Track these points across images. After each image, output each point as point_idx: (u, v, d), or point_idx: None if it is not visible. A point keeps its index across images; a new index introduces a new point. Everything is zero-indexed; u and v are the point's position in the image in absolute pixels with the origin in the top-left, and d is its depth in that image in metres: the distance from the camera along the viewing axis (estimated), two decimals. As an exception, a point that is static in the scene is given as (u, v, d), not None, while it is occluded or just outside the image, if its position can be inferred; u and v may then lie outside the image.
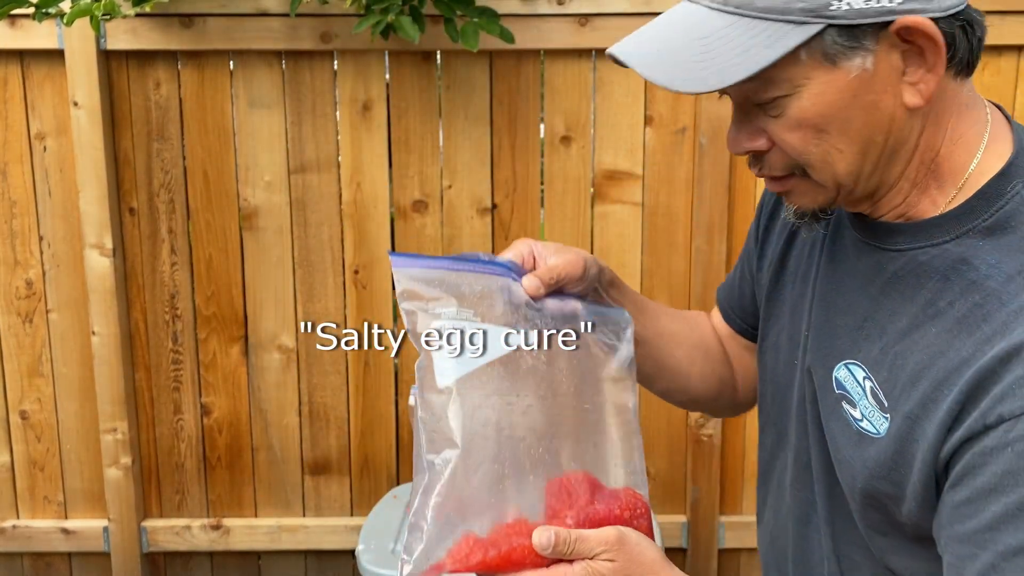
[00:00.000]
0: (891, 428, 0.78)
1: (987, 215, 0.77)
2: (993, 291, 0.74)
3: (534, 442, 0.82)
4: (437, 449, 0.83)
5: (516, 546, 0.78)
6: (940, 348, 0.76)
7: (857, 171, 0.78)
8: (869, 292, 0.84)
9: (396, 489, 2.11)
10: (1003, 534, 0.69)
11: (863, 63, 0.73)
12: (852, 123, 0.76)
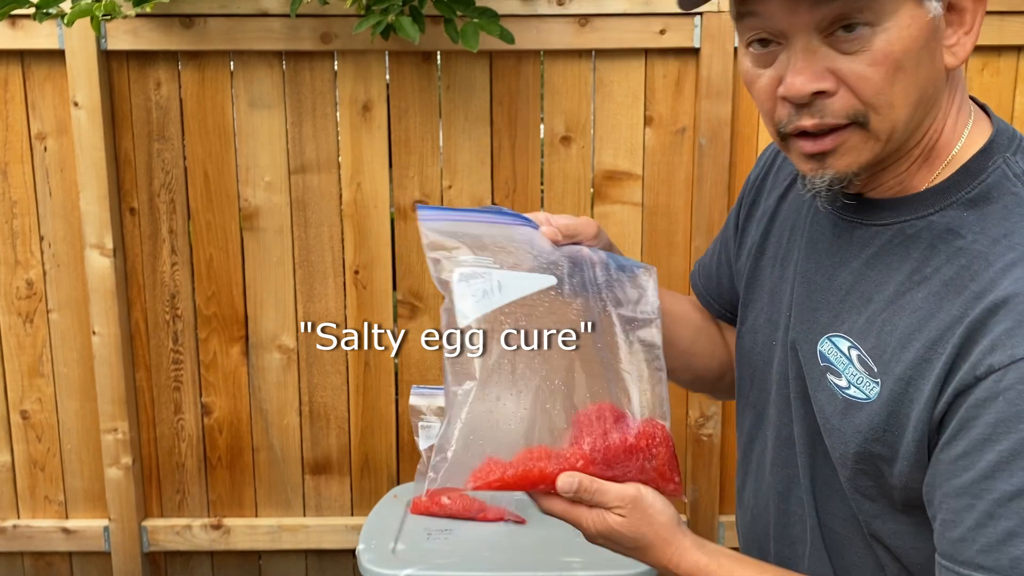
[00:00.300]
0: (882, 392, 0.81)
1: (970, 188, 0.80)
2: (980, 253, 0.77)
3: (555, 375, 0.88)
4: (459, 381, 0.90)
5: (534, 468, 0.86)
6: (930, 310, 0.78)
7: (909, 122, 0.79)
8: (851, 267, 0.87)
9: (397, 488, 2.11)
10: (998, 481, 0.71)
11: (937, 7, 0.75)
12: (921, 68, 0.76)
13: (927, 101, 0.79)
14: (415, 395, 1.89)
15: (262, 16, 2.22)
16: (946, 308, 0.77)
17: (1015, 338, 0.71)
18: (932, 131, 0.82)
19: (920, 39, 0.75)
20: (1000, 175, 0.80)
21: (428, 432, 1.85)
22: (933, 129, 0.82)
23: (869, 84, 0.76)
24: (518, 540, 1.86)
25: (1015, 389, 0.71)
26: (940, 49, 0.77)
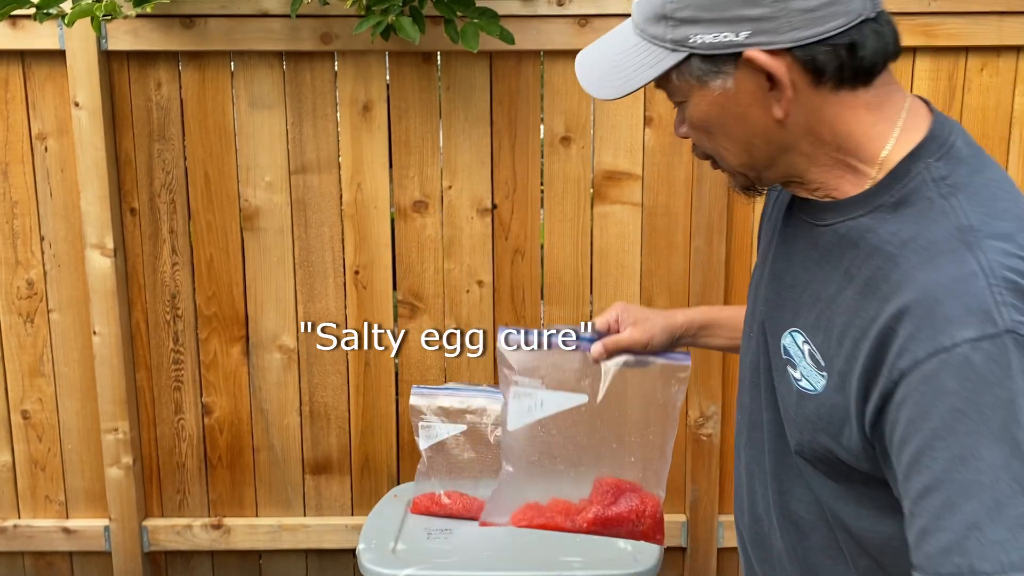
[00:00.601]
0: (828, 385, 0.88)
1: (894, 192, 0.87)
2: (890, 255, 0.84)
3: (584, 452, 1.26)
4: (507, 458, 1.29)
5: (553, 520, 1.30)
6: (855, 309, 0.85)
7: (749, 163, 0.94)
8: (807, 265, 0.95)
9: (397, 488, 2.12)
10: (911, 481, 0.77)
11: (724, 83, 0.88)
12: (729, 128, 0.91)
13: (760, 147, 0.91)
14: (415, 395, 1.90)
15: (262, 16, 2.22)
16: (865, 308, 0.84)
17: (916, 341, 0.77)
18: (820, 154, 0.91)
19: (713, 110, 0.90)
20: (920, 180, 0.86)
21: (428, 432, 1.86)
22: (819, 153, 0.91)
23: (694, 140, 0.97)
24: (518, 540, 1.86)
25: (919, 391, 0.76)
26: (759, 107, 0.88)
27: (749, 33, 0.85)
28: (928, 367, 0.76)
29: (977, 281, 0.77)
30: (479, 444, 1.90)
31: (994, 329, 0.75)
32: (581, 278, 2.39)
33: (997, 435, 0.73)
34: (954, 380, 0.75)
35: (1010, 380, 0.73)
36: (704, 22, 0.85)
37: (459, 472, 1.92)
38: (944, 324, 0.76)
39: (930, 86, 2.29)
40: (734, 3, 0.84)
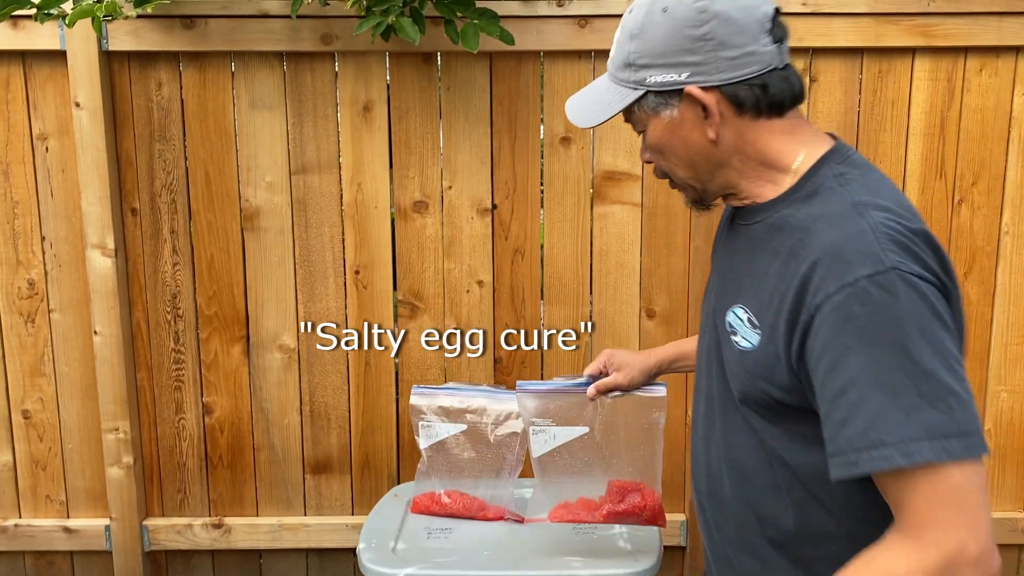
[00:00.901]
0: (761, 339, 1.13)
1: (806, 188, 1.15)
2: (806, 228, 1.10)
3: (599, 461, 1.73)
4: (538, 475, 1.75)
5: (580, 515, 1.72)
6: (782, 274, 1.11)
7: (694, 177, 1.23)
8: (744, 256, 1.22)
9: (397, 488, 2.12)
10: (827, 387, 1.02)
11: (672, 113, 1.18)
12: (677, 149, 1.21)
13: (701, 164, 1.20)
14: (416, 395, 1.91)
15: (263, 17, 2.23)
16: (789, 270, 1.09)
17: (827, 281, 1.03)
18: (746, 169, 1.20)
19: (665, 135, 1.20)
20: (825, 178, 1.14)
21: (428, 431, 1.87)
22: (746, 168, 1.20)
23: (656, 161, 1.26)
24: (518, 539, 1.86)
25: (831, 317, 1.02)
26: (699, 131, 1.18)
27: (688, 74, 1.15)
28: (837, 299, 1.01)
29: (867, 235, 1.03)
30: (479, 444, 1.90)
31: (883, 267, 1.00)
32: (581, 278, 2.39)
33: (891, 345, 0.98)
34: (857, 306, 1.00)
35: (898, 303, 0.99)
36: (656, 66, 1.16)
37: (459, 472, 1.92)
38: (846, 266, 1.02)
39: (929, 87, 2.30)
40: (678, 52, 1.15)
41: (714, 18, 1.12)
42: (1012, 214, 2.36)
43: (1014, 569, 2.58)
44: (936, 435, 0.96)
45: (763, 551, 1.21)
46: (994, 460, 2.49)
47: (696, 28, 1.13)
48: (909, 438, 0.96)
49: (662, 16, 1.15)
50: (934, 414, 0.97)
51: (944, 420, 0.97)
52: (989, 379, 2.44)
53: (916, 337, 0.98)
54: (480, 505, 1.89)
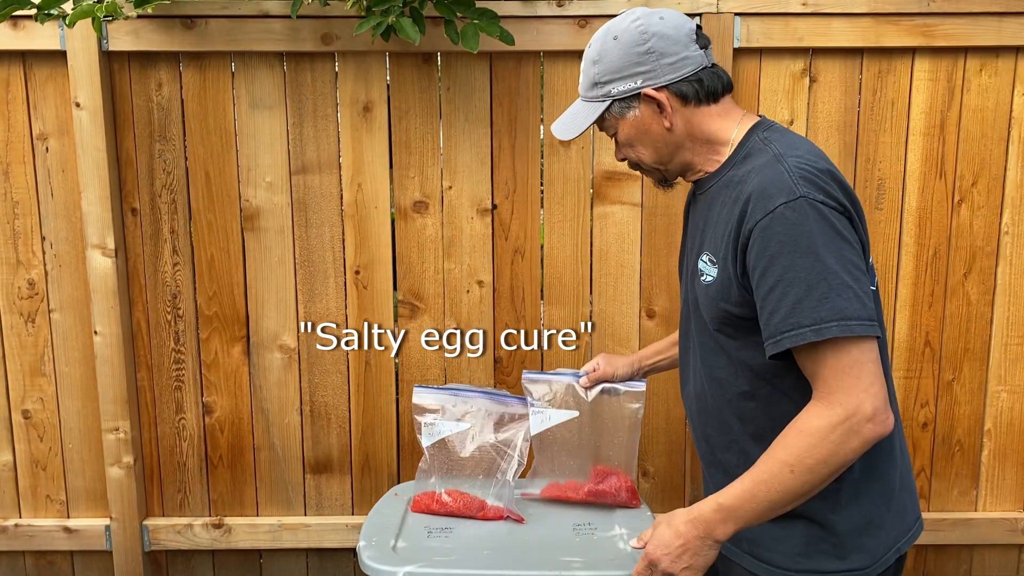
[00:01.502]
0: (718, 270, 1.44)
1: (740, 153, 1.48)
2: (743, 180, 1.42)
3: (586, 447, 1.98)
4: (536, 454, 2.01)
5: (567, 493, 1.98)
6: (728, 218, 1.42)
7: (658, 161, 1.55)
8: (703, 215, 1.53)
9: (397, 487, 2.12)
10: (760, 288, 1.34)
11: (635, 113, 1.51)
12: (642, 140, 1.53)
13: (661, 149, 1.53)
14: (418, 394, 1.92)
15: (263, 17, 2.23)
16: (733, 212, 1.40)
17: (756, 210, 1.34)
18: (696, 148, 1.52)
19: (634, 131, 1.53)
20: (754, 143, 1.47)
21: (431, 430, 1.89)
22: (696, 147, 1.52)
23: (628, 154, 1.57)
24: (518, 539, 1.86)
25: (760, 236, 1.33)
26: (657, 123, 1.50)
27: (642, 80, 1.48)
28: (763, 222, 1.33)
29: (784, 175, 1.35)
30: (481, 444, 1.92)
31: (794, 196, 1.32)
32: (581, 278, 2.39)
33: (804, 253, 1.30)
34: (777, 226, 1.32)
35: (807, 222, 1.31)
36: (616, 80, 1.50)
37: (460, 471, 1.93)
38: (769, 199, 1.33)
39: (929, 87, 2.30)
40: (630, 66, 1.48)
41: (653, 36, 1.47)
42: (1012, 214, 2.36)
43: (1014, 569, 2.58)
44: (840, 317, 1.28)
45: (746, 446, 1.49)
46: (994, 460, 2.49)
47: (641, 46, 1.47)
48: (820, 320, 1.29)
49: (614, 43, 1.49)
50: (840, 301, 1.29)
51: (846, 306, 1.29)
52: (989, 379, 2.44)
53: (822, 247, 1.30)
54: (480, 504, 1.90)
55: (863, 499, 1.44)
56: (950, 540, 2.52)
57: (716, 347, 1.51)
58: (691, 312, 1.59)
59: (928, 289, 2.39)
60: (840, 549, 1.43)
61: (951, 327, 2.42)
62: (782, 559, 1.45)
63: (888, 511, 1.45)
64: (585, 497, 1.96)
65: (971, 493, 2.51)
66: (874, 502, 1.44)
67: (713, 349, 1.52)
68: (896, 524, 1.46)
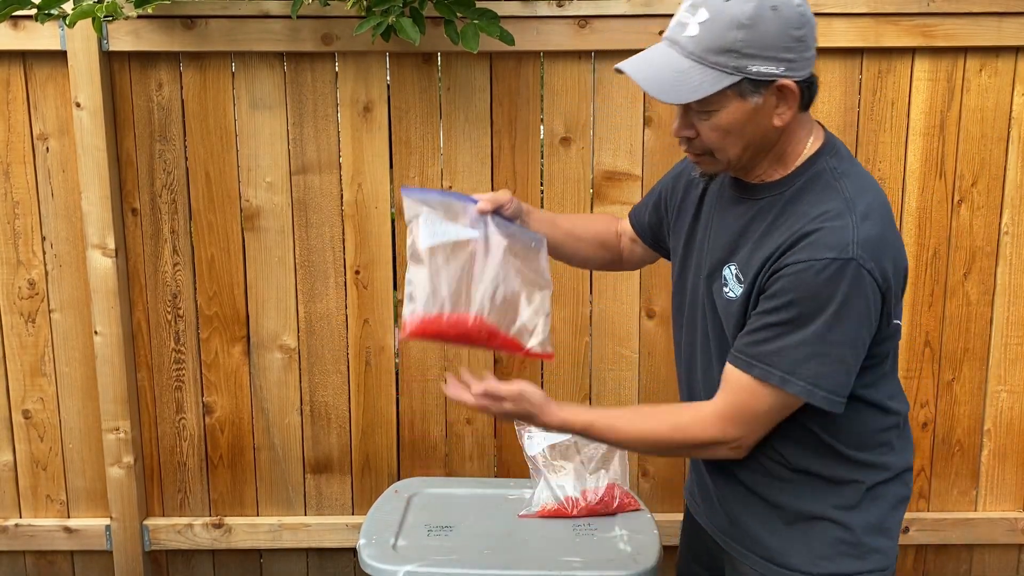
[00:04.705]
0: (743, 291, 1.38)
1: (804, 175, 1.38)
2: (801, 213, 1.34)
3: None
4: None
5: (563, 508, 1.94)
6: (769, 243, 1.35)
7: (740, 157, 1.38)
8: (740, 223, 1.43)
9: (398, 484, 2.12)
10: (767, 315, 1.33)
11: (758, 100, 1.32)
12: (744, 131, 1.35)
13: (755, 144, 1.36)
14: (409, 192, 1.67)
15: (263, 17, 2.23)
16: (777, 239, 1.34)
17: (801, 252, 1.29)
18: (775, 152, 1.39)
19: (743, 119, 1.33)
20: (821, 168, 1.38)
21: (433, 229, 1.60)
22: (775, 151, 1.39)
23: (710, 139, 1.37)
24: (518, 538, 1.87)
25: (790, 275, 1.29)
26: (768, 117, 1.33)
27: (784, 69, 1.30)
28: (801, 266, 1.29)
29: (847, 232, 1.29)
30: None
31: (846, 255, 1.27)
32: (581, 278, 2.39)
33: (823, 311, 1.27)
34: (814, 277, 1.28)
35: (843, 285, 1.27)
36: (760, 58, 1.29)
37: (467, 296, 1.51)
38: (820, 247, 1.28)
39: (929, 87, 2.30)
40: (780, 49, 1.29)
41: (807, 23, 1.32)
42: (1012, 214, 2.36)
43: (1014, 569, 2.58)
44: (814, 382, 1.30)
45: None
46: (994, 460, 2.49)
47: (798, 29, 1.30)
48: (794, 373, 1.30)
49: (772, 13, 1.28)
50: (824, 369, 1.29)
51: (827, 376, 1.30)
52: (989, 379, 2.44)
53: (842, 316, 1.28)
54: (490, 331, 1.50)
55: (881, 501, 1.44)
56: (950, 540, 2.52)
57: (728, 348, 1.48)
58: (703, 312, 1.50)
59: (928, 289, 2.39)
60: (858, 549, 1.42)
61: (951, 327, 2.42)
62: (800, 562, 1.43)
63: (896, 518, 1.47)
64: (583, 513, 1.97)
65: (971, 493, 2.51)
66: (890, 504, 1.45)
67: (724, 350, 1.47)
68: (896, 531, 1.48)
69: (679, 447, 1.45)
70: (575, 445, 2.02)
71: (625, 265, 1.92)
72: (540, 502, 1.98)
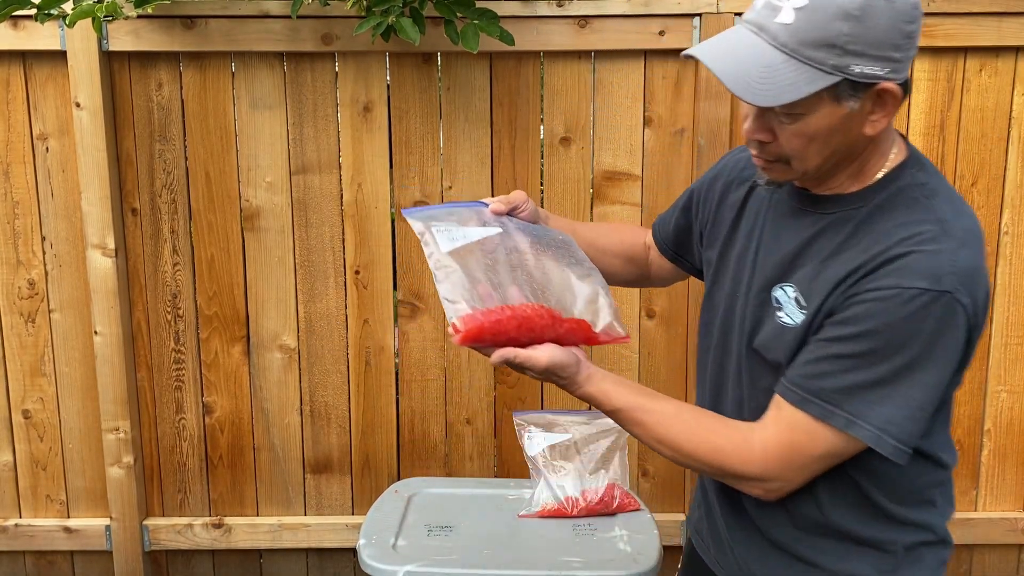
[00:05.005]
0: (805, 319, 1.19)
1: (888, 190, 1.19)
2: (884, 232, 1.16)
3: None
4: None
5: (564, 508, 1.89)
6: (848, 265, 1.16)
7: (820, 167, 1.19)
8: (801, 239, 1.24)
9: (397, 484, 2.12)
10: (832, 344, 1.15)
11: (854, 104, 1.12)
12: (832, 139, 1.15)
13: (840, 154, 1.17)
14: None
15: (263, 17, 2.23)
16: (854, 260, 1.16)
17: (886, 278, 1.11)
18: (857, 164, 1.20)
19: (833, 125, 1.13)
20: (907, 183, 1.19)
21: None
22: (858, 162, 1.20)
23: (791, 145, 1.16)
24: (518, 538, 1.87)
25: (870, 302, 1.11)
26: (859, 124, 1.14)
27: (889, 70, 1.10)
28: (886, 293, 1.10)
29: (943, 258, 1.11)
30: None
31: (939, 287, 1.09)
32: (581, 278, 2.39)
33: (906, 349, 1.10)
34: (900, 308, 1.10)
35: (931, 321, 1.10)
36: (866, 56, 1.08)
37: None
38: (910, 275, 1.10)
39: (929, 87, 2.30)
40: (888, 46, 1.09)
41: (918, 17, 1.12)
42: (1012, 214, 2.36)
43: (1014, 569, 2.58)
44: (883, 428, 1.12)
45: None
46: (994, 460, 2.49)
47: (909, 24, 1.10)
48: (862, 416, 1.12)
49: (885, 4, 1.08)
50: (896, 413, 1.12)
51: (898, 421, 1.12)
52: (989, 379, 2.44)
53: (926, 356, 1.11)
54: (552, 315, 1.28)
55: (921, 565, 1.27)
56: (950, 540, 2.52)
57: (769, 370, 1.27)
58: (740, 335, 1.31)
59: (928, 289, 2.39)
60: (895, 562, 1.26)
61: (951, 327, 2.42)
62: None
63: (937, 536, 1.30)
64: (583, 513, 1.96)
65: (971, 493, 2.51)
66: (931, 569, 1.28)
67: (769, 388, 1.25)
68: None
69: (709, 469, 1.25)
70: (575, 445, 2.02)
71: (653, 281, 1.71)
72: (540, 502, 1.98)
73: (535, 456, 2.01)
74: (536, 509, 1.97)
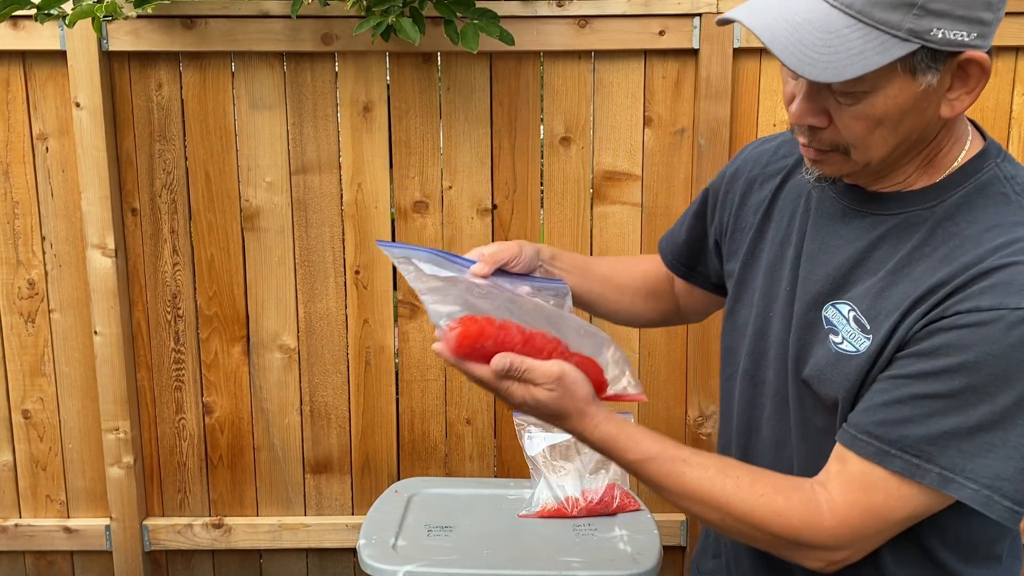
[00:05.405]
0: (872, 345, 0.97)
1: (966, 185, 0.98)
2: (970, 237, 0.94)
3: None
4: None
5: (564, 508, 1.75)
6: (924, 280, 0.95)
7: (886, 158, 0.97)
8: (857, 246, 1.02)
9: (397, 484, 2.12)
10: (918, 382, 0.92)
11: (932, 79, 0.90)
12: (903, 122, 0.93)
13: (909, 141, 0.96)
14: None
15: (263, 17, 2.23)
16: (937, 276, 0.94)
17: (984, 296, 0.89)
18: (927, 152, 0.99)
19: (907, 103, 0.92)
20: (992, 176, 0.98)
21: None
22: (928, 151, 0.99)
23: (851, 131, 0.95)
24: (518, 539, 1.87)
25: (967, 328, 0.89)
26: (935, 104, 0.93)
27: (976, 35, 0.89)
28: (986, 316, 0.89)
29: None
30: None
31: None
32: (581, 278, 2.39)
33: (1009, 385, 0.88)
34: (999, 333, 0.88)
35: None
36: (952, 17, 0.87)
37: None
38: (1011, 292, 0.89)
39: (929, 86, 2.30)
40: (978, 5, 0.88)
41: None
42: (1012, 214, 2.36)
43: (1014, 569, 2.58)
44: (989, 484, 0.90)
45: None
46: (994, 460, 2.49)
47: None
48: (963, 471, 0.90)
49: None
50: (1004, 466, 0.90)
51: (1006, 475, 0.90)
52: None
53: None
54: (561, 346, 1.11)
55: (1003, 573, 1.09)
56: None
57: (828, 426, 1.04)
58: (777, 364, 1.10)
59: (928, 289, 2.39)
60: None
61: (951, 327, 2.41)
62: None
63: None
64: (583, 513, 1.96)
65: (971, 493, 2.51)
66: None
67: (820, 429, 1.05)
68: None
69: (763, 536, 1.00)
70: (575, 445, 2.02)
71: (685, 315, 1.46)
72: (540, 502, 1.98)
73: (535, 456, 2.01)
74: (536, 509, 1.98)
